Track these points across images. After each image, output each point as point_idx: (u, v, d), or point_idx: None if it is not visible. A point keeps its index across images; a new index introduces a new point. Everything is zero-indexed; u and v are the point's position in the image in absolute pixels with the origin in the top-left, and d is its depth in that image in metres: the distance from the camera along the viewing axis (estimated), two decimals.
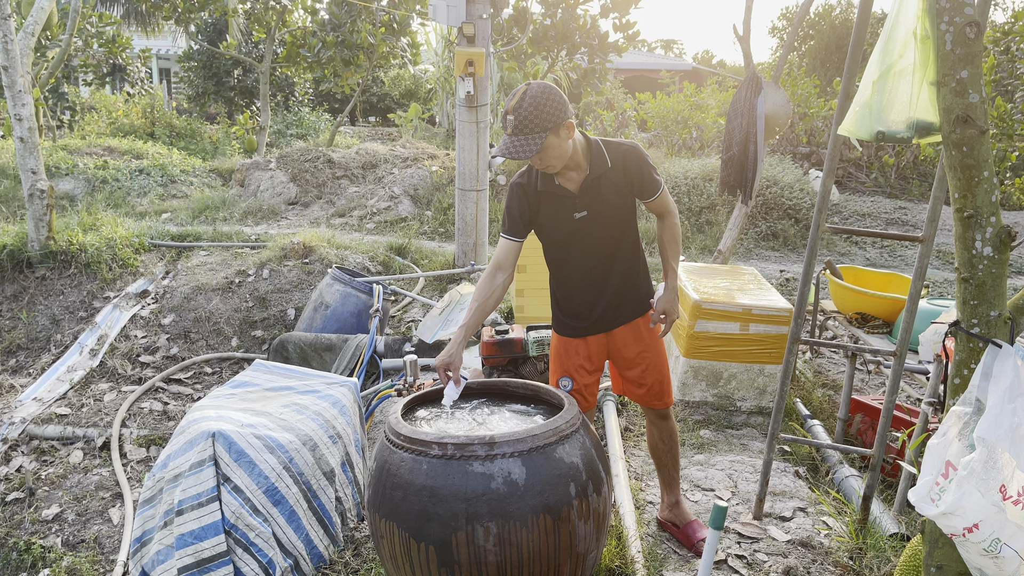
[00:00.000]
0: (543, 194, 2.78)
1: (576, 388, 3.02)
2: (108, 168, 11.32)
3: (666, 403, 3.04)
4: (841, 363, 5.79)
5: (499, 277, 2.81)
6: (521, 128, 2.50)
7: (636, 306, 2.95)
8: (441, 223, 10.03)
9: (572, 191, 2.75)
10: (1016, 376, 1.94)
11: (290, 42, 13.51)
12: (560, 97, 2.53)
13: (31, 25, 6.94)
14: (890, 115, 2.42)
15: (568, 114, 2.55)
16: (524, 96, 2.50)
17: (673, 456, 3.17)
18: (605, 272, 2.87)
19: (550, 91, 2.52)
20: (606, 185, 2.72)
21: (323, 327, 5.75)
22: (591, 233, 2.80)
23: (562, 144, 2.57)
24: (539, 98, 2.49)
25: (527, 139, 2.50)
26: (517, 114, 2.49)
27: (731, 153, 5.52)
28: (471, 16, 6.59)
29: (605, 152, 2.72)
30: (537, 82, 2.55)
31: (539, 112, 2.48)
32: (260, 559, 2.95)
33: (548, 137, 2.52)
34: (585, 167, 2.72)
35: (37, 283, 6.80)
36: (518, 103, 2.50)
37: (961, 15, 1.94)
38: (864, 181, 14.31)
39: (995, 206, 1.99)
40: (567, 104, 2.55)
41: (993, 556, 1.91)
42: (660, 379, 2.99)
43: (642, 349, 2.96)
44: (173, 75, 24.24)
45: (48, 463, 4.70)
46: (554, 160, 2.61)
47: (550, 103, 2.50)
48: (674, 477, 3.21)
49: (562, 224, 2.81)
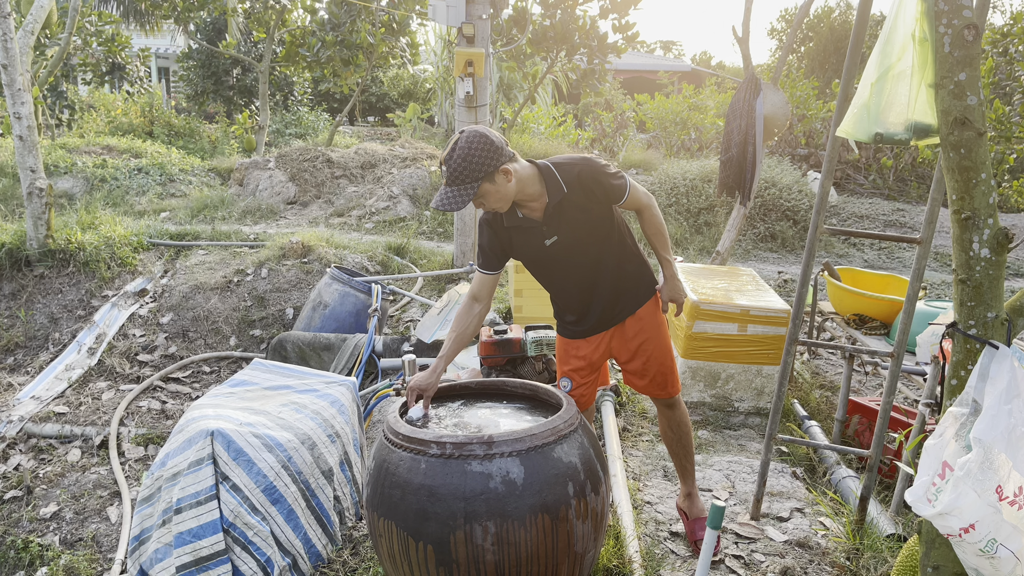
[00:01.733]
0: (511, 228, 2.80)
1: (576, 389, 3.06)
2: (107, 167, 11.31)
3: (671, 392, 3.03)
4: (839, 364, 5.80)
5: (475, 308, 2.89)
6: (454, 179, 2.51)
7: (635, 299, 2.95)
8: (440, 223, 10.03)
9: (538, 219, 2.75)
10: (1012, 377, 1.95)
11: (289, 41, 13.51)
12: (491, 145, 2.51)
13: (30, 23, 6.94)
14: (888, 117, 2.43)
15: (501, 160, 2.53)
16: (455, 147, 2.51)
17: (684, 446, 3.15)
18: (592, 283, 2.88)
19: (481, 140, 2.51)
20: (569, 208, 2.71)
21: (321, 326, 5.75)
22: (567, 255, 2.81)
23: (500, 189, 2.57)
24: (468, 149, 2.49)
25: (460, 190, 2.51)
26: (448, 165, 2.51)
27: (730, 154, 5.53)
28: (470, 16, 6.60)
29: (559, 177, 2.69)
30: (470, 130, 2.54)
31: (468, 163, 2.48)
32: (258, 558, 2.96)
33: (482, 185, 2.53)
34: (543, 195, 2.70)
35: (35, 281, 6.80)
36: (448, 155, 2.51)
37: (959, 18, 1.95)
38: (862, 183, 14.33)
39: (992, 208, 2.00)
40: (500, 150, 2.53)
41: (989, 556, 1.92)
42: (663, 369, 2.98)
43: (643, 340, 2.96)
44: (172, 74, 24.23)
45: (46, 461, 4.70)
46: (496, 204, 2.62)
47: (480, 152, 2.49)
48: (687, 467, 3.19)
49: (535, 253, 2.83)
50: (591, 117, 17.19)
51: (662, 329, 2.99)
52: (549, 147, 11.50)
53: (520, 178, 2.63)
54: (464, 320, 2.87)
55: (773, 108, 5.43)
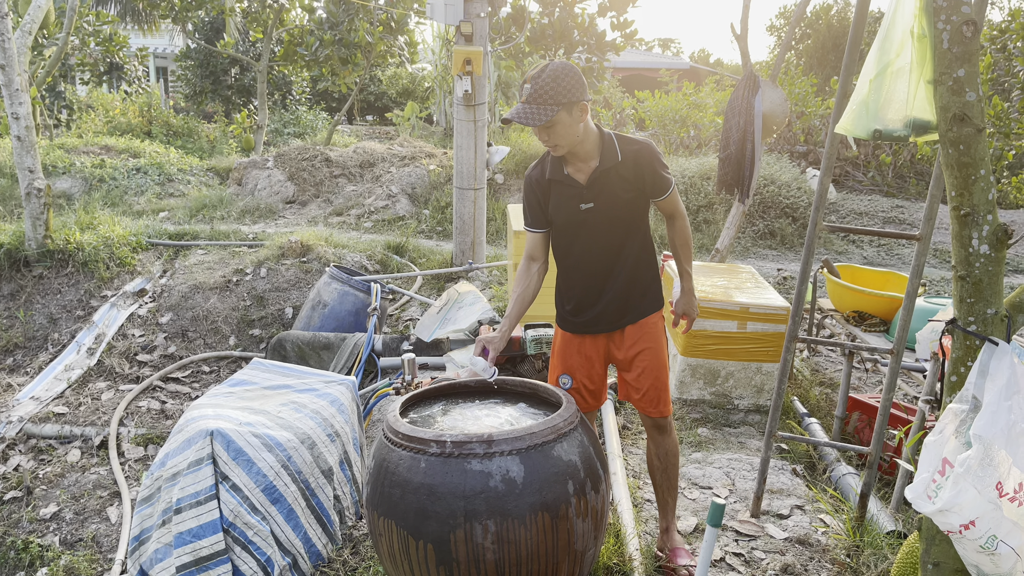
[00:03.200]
0: (552, 182, 2.79)
1: (576, 387, 2.98)
2: (105, 167, 11.31)
3: (662, 412, 2.90)
4: (838, 361, 5.79)
5: (534, 267, 2.92)
6: (536, 97, 2.53)
7: (642, 307, 2.88)
8: (439, 222, 10.02)
9: (581, 182, 2.73)
10: (1012, 373, 1.95)
11: (287, 41, 13.50)
12: (579, 77, 2.56)
13: (28, 24, 6.93)
14: (887, 114, 2.42)
15: (584, 95, 2.57)
16: (545, 68, 2.54)
17: (668, 478, 2.99)
18: (609, 267, 2.83)
19: (571, 69, 2.55)
20: (615, 179, 2.71)
21: (321, 326, 5.75)
22: (597, 225, 2.77)
23: (572, 123, 2.58)
24: (559, 72, 2.53)
25: (539, 108, 2.53)
26: (535, 83, 2.52)
27: (728, 152, 5.52)
28: (469, 15, 6.59)
29: (617, 145, 2.72)
30: (560, 60, 2.58)
31: (556, 85, 2.51)
32: (258, 557, 2.95)
33: (560, 112, 2.54)
34: (595, 158, 2.71)
35: (34, 282, 6.79)
36: (538, 73, 2.54)
37: (958, 13, 1.95)
38: (861, 180, 14.33)
39: (992, 204, 2.00)
40: (585, 86, 2.57)
41: (989, 553, 1.92)
42: (656, 385, 2.87)
43: (641, 350, 2.87)
44: (170, 74, 24.20)
45: (46, 462, 4.69)
46: (561, 138, 2.61)
47: (568, 79, 2.53)
48: (668, 502, 3.02)
49: (569, 214, 2.79)
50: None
51: (660, 345, 2.91)
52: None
53: (587, 129, 2.66)
54: (524, 279, 2.90)
55: (772, 105, 5.42)
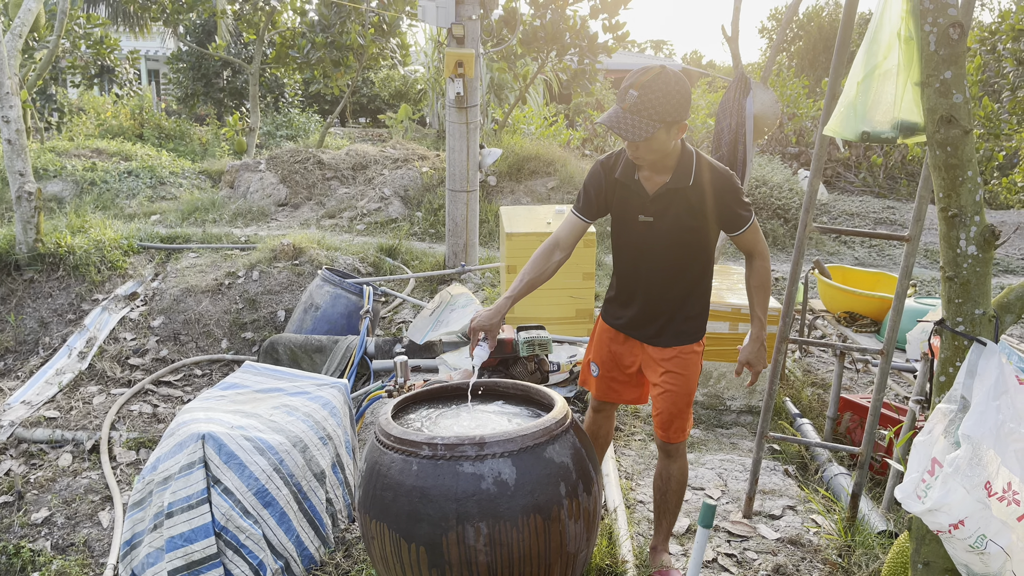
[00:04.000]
0: (619, 183, 2.65)
1: (603, 376, 2.92)
2: (97, 170, 11.26)
3: (670, 438, 2.82)
4: (830, 362, 5.82)
5: (556, 255, 2.73)
6: (640, 109, 2.35)
7: (679, 335, 2.75)
8: (431, 224, 10.02)
9: (647, 192, 2.60)
10: (1000, 373, 1.96)
11: (279, 43, 13.47)
12: (688, 94, 2.40)
13: (18, 27, 6.90)
14: (875, 115, 2.44)
15: (687, 114, 2.42)
16: (658, 76, 2.35)
17: (667, 502, 2.92)
18: (660, 285, 2.72)
19: (682, 84, 2.38)
20: (680, 201, 2.56)
21: (313, 329, 5.74)
22: (653, 241, 2.65)
23: (668, 142, 2.45)
24: (672, 85, 2.35)
25: (641, 122, 2.36)
26: (644, 92, 2.34)
27: (720, 153, 5.54)
28: (460, 17, 6.59)
29: (694, 168, 2.54)
30: (674, 70, 2.39)
31: (666, 100, 2.34)
32: (250, 561, 2.95)
33: (660, 129, 2.38)
34: (668, 173, 2.56)
35: (25, 286, 6.76)
36: (650, 80, 2.35)
37: (944, 16, 1.96)
38: (852, 181, 14.39)
39: (979, 205, 2.01)
40: (690, 103, 2.42)
41: (979, 552, 1.93)
42: (672, 411, 2.76)
43: (668, 371, 2.76)
44: (162, 76, 24.13)
45: (37, 467, 4.67)
46: (649, 154, 2.47)
47: (679, 95, 2.36)
48: (662, 523, 2.97)
49: (626, 220, 2.69)
50: (582, 117, 17.21)
51: (690, 374, 2.77)
52: (540, 147, 11.49)
53: (675, 145, 2.52)
54: (540, 265, 2.70)
55: (763, 107, 5.44)
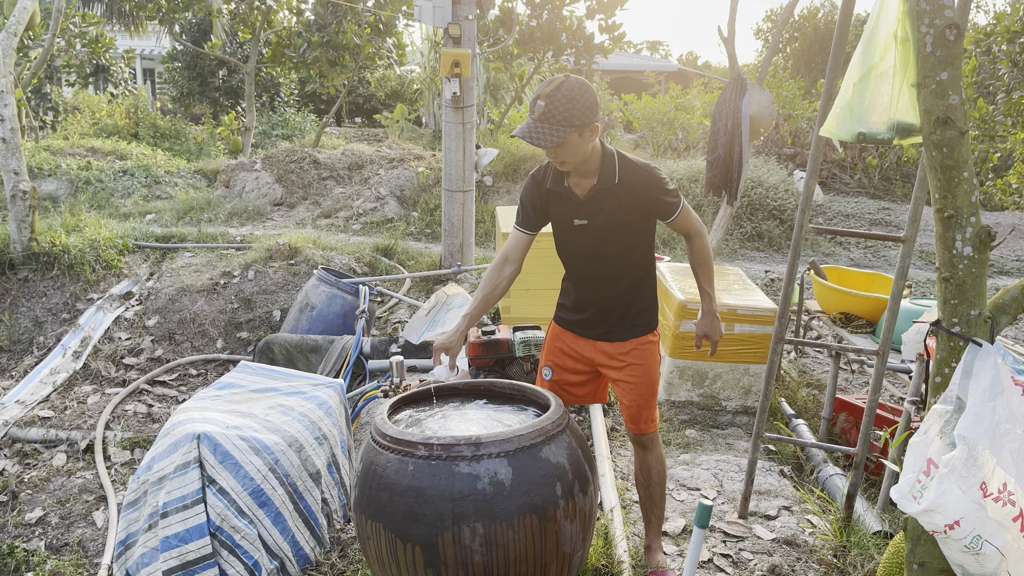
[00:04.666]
0: (551, 192, 2.74)
1: (556, 379, 2.96)
2: (91, 169, 11.23)
3: (642, 430, 2.87)
4: (825, 362, 5.83)
5: (507, 269, 2.81)
6: (549, 117, 2.45)
7: (632, 328, 2.82)
8: (427, 224, 10.01)
9: (578, 196, 2.69)
10: (996, 374, 1.96)
11: (275, 42, 13.45)
12: (594, 97, 2.50)
13: (13, 25, 6.88)
14: (871, 116, 2.44)
15: (597, 117, 2.51)
16: (561, 86, 2.45)
17: (652, 496, 2.95)
18: (605, 282, 2.79)
19: (587, 89, 2.48)
20: (610, 199, 2.65)
21: (309, 328, 5.73)
22: (590, 242, 2.74)
23: (583, 144, 2.53)
24: (575, 92, 2.45)
25: (552, 128, 2.46)
26: (549, 101, 2.45)
27: (716, 154, 5.54)
28: (457, 17, 6.59)
29: (617, 166, 2.64)
30: (576, 77, 2.50)
31: (571, 106, 2.44)
32: (246, 561, 2.94)
33: (571, 134, 2.47)
34: (595, 176, 2.65)
35: (19, 285, 6.74)
36: (553, 91, 2.45)
37: (941, 17, 1.96)
38: (848, 182, 14.42)
39: (975, 206, 2.01)
40: (598, 107, 2.51)
41: (974, 553, 1.93)
42: (640, 403, 2.83)
43: (628, 364, 2.82)
44: (157, 75, 24.07)
45: (31, 466, 4.66)
46: (569, 157, 2.55)
47: (584, 100, 2.46)
48: (651, 519, 2.98)
49: (563, 227, 2.78)
50: None
51: (650, 364, 2.84)
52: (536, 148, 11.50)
53: (593, 147, 2.60)
54: (493, 280, 2.79)
55: (759, 108, 5.45)
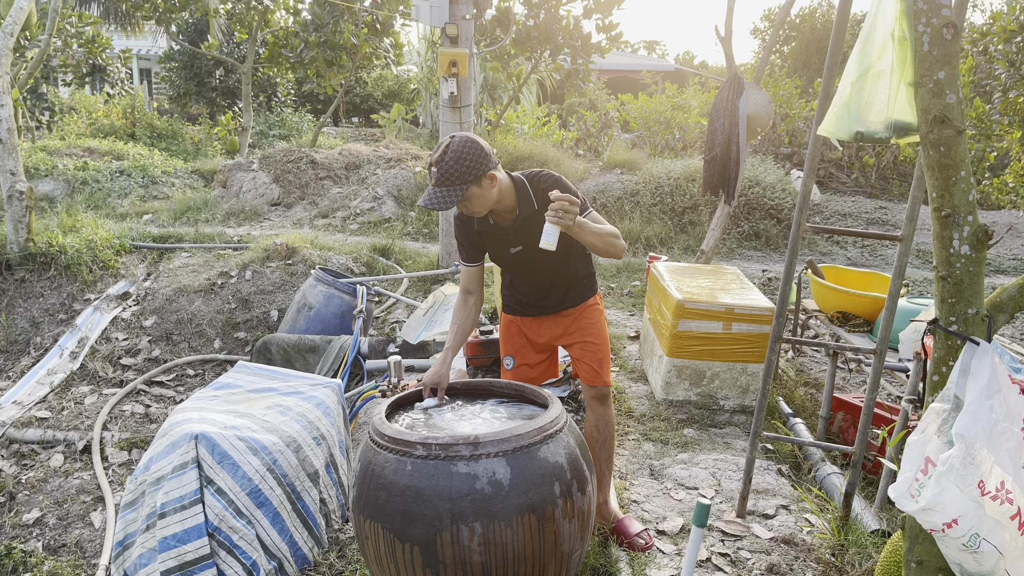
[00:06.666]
0: (481, 232, 2.98)
1: (518, 365, 3.22)
2: (88, 169, 11.22)
3: (604, 381, 3.12)
4: (823, 361, 5.83)
5: (469, 300, 3.10)
6: (444, 180, 2.62)
7: (577, 297, 3.14)
8: (425, 224, 10.00)
9: (506, 228, 2.91)
10: (993, 373, 1.96)
11: (272, 42, 13.43)
12: (481, 150, 2.65)
13: (10, 25, 6.87)
14: (868, 116, 2.44)
15: (490, 166, 2.67)
16: (447, 149, 2.63)
17: (606, 449, 3.18)
18: (548, 285, 3.09)
19: (472, 145, 2.64)
20: (536, 222, 2.78)
21: (306, 328, 5.73)
22: (529, 262, 2.98)
23: (485, 193, 2.70)
24: (461, 152, 2.62)
25: (449, 190, 2.63)
26: (439, 166, 2.62)
27: (713, 154, 5.55)
28: (454, 17, 6.59)
29: (531, 193, 2.85)
30: (461, 135, 2.68)
31: (460, 165, 2.61)
32: (244, 561, 2.94)
33: (470, 188, 2.66)
34: (515, 208, 2.86)
35: (16, 285, 6.73)
36: (441, 156, 2.63)
37: (938, 16, 1.96)
38: (845, 181, 14.44)
39: (972, 205, 2.02)
40: (489, 156, 2.68)
41: (972, 551, 1.93)
42: (599, 356, 3.11)
43: (581, 326, 3.13)
44: (154, 75, 24.05)
45: (28, 467, 4.65)
46: (478, 207, 2.75)
47: (472, 156, 2.62)
48: (605, 474, 3.18)
49: (501, 255, 3.02)
50: (575, 117, 17.22)
51: (599, 322, 3.16)
52: (534, 147, 11.49)
53: (501, 187, 2.78)
54: (461, 313, 3.07)
55: (756, 107, 5.46)
